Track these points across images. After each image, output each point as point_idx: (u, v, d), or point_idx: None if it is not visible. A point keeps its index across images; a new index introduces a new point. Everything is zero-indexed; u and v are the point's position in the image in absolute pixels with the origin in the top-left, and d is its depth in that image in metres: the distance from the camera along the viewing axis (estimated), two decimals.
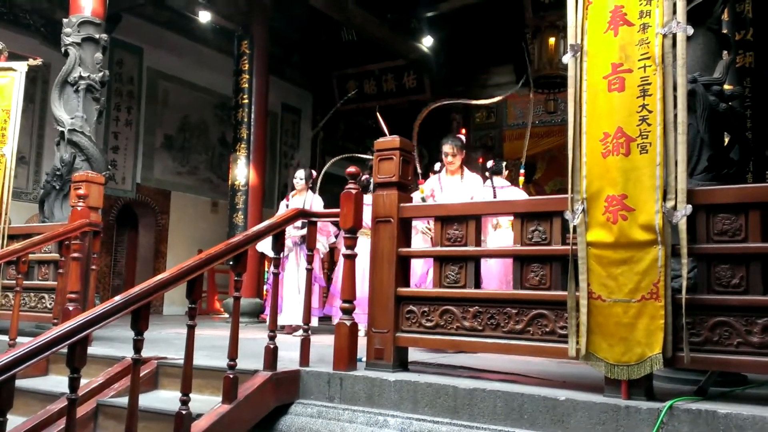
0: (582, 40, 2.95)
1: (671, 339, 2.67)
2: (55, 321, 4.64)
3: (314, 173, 7.44)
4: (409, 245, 3.67)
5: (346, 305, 3.65)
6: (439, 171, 6.41)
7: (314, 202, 6.91)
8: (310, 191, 7.09)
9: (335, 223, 5.58)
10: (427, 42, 11.67)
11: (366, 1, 10.41)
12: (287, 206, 6.89)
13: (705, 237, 2.77)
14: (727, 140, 3.30)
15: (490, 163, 6.25)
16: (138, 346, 2.67)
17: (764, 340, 2.58)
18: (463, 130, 12.78)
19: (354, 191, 3.66)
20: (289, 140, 13.62)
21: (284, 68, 12.75)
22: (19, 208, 9.16)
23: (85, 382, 3.62)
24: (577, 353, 2.85)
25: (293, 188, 7.21)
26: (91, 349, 3.90)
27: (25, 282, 4.50)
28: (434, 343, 3.43)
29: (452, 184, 5.49)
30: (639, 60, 2.80)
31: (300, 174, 7.13)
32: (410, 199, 3.71)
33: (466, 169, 5.55)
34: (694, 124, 3.09)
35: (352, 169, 3.73)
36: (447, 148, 5.50)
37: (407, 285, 3.63)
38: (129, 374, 2.97)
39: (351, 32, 12.48)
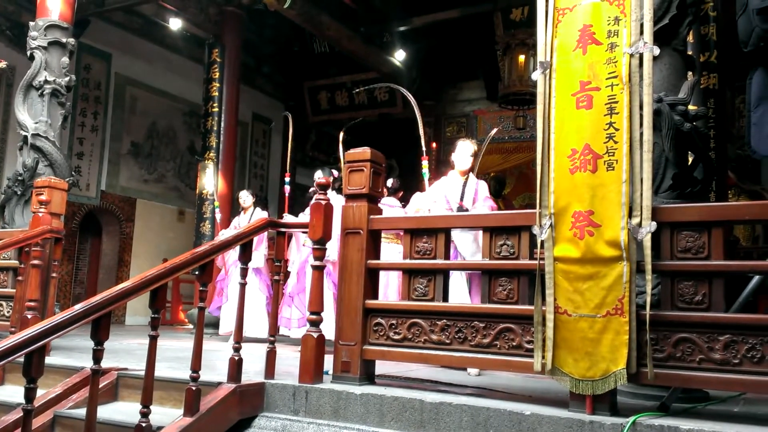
0: (551, 57, 2.99)
1: (635, 355, 2.70)
2: (13, 329, 4.51)
3: (335, 173, 6.34)
4: (378, 257, 3.66)
5: (314, 317, 3.61)
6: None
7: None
8: (333, 192, 5.91)
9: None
10: (399, 56, 11.74)
11: (339, 14, 10.44)
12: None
13: (669, 254, 2.81)
14: (691, 159, 3.37)
15: (390, 182, 6.20)
16: (98, 356, 2.61)
17: (726, 357, 2.62)
18: (434, 144, 12.93)
19: (323, 202, 3.65)
20: (260, 150, 13.53)
21: (255, 78, 12.70)
22: None
23: (42, 393, 3.53)
24: (543, 368, 2.87)
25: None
26: (49, 359, 3.81)
27: None
28: (402, 357, 3.41)
29: (456, 187, 5.01)
30: (607, 78, 2.84)
31: (318, 174, 6.00)
32: (380, 211, 3.71)
33: (472, 173, 5.11)
34: (659, 142, 3.15)
35: (322, 179, 3.72)
36: (463, 146, 5.04)
37: (376, 297, 3.61)
38: (88, 385, 2.89)
39: (324, 44, 12.51)
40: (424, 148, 5.24)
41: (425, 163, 5.13)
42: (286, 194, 6.90)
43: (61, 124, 5.93)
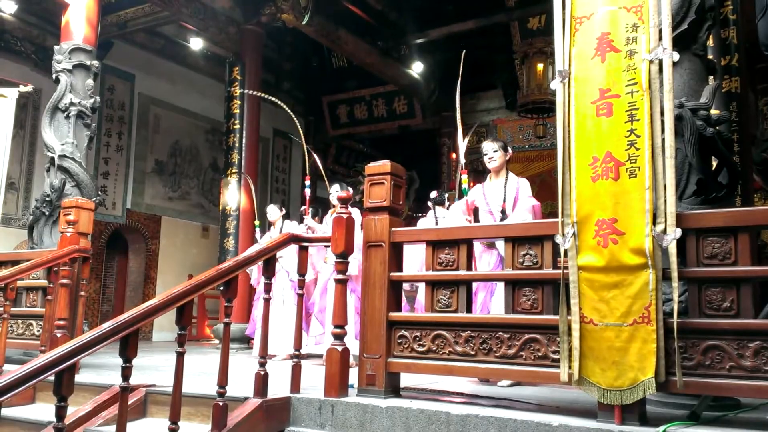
0: (569, 66, 2.99)
1: (664, 363, 2.66)
2: (43, 348, 4.58)
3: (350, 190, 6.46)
4: (400, 269, 3.66)
5: (338, 330, 3.62)
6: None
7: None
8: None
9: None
10: (417, 68, 11.79)
11: (356, 29, 10.53)
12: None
13: (695, 260, 2.78)
14: (715, 164, 3.33)
15: (433, 194, 6.20)
16: (126, 373, 2.64)
17: (756, 364, 2.58)
18: (453, 155, 12.93)
19: (345, 216, 3.66)
20: (281, 165, 13.65)
21: (276, 94, 12.80)
22: (8, 235, 9.11)
23: (73, 411, 3.58)
24: (570, 378, 2.84)
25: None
26: (79, 377, 3.86)
27: (12, 309, 4.45)
28: (427, 369, 3.40)
29: (496, 190, 4.85)
30: (626, 85, 2.83)
31: (335, 188, 6.34)
32: (401, 223, 3.71)
33: (510, 172, 4.97)
34: (682, 148, 3.12)
35: (343, 193, 3.74)
36: (486, 146, 4.91)
37: (399, 309, 3.61)
38: (117, 402, 2.93)
39: (342, 58, 12.60)
40: (462, 161, 4.67)
41: (464, 177, 4.60)
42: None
43: (86, 144, 6.04)
